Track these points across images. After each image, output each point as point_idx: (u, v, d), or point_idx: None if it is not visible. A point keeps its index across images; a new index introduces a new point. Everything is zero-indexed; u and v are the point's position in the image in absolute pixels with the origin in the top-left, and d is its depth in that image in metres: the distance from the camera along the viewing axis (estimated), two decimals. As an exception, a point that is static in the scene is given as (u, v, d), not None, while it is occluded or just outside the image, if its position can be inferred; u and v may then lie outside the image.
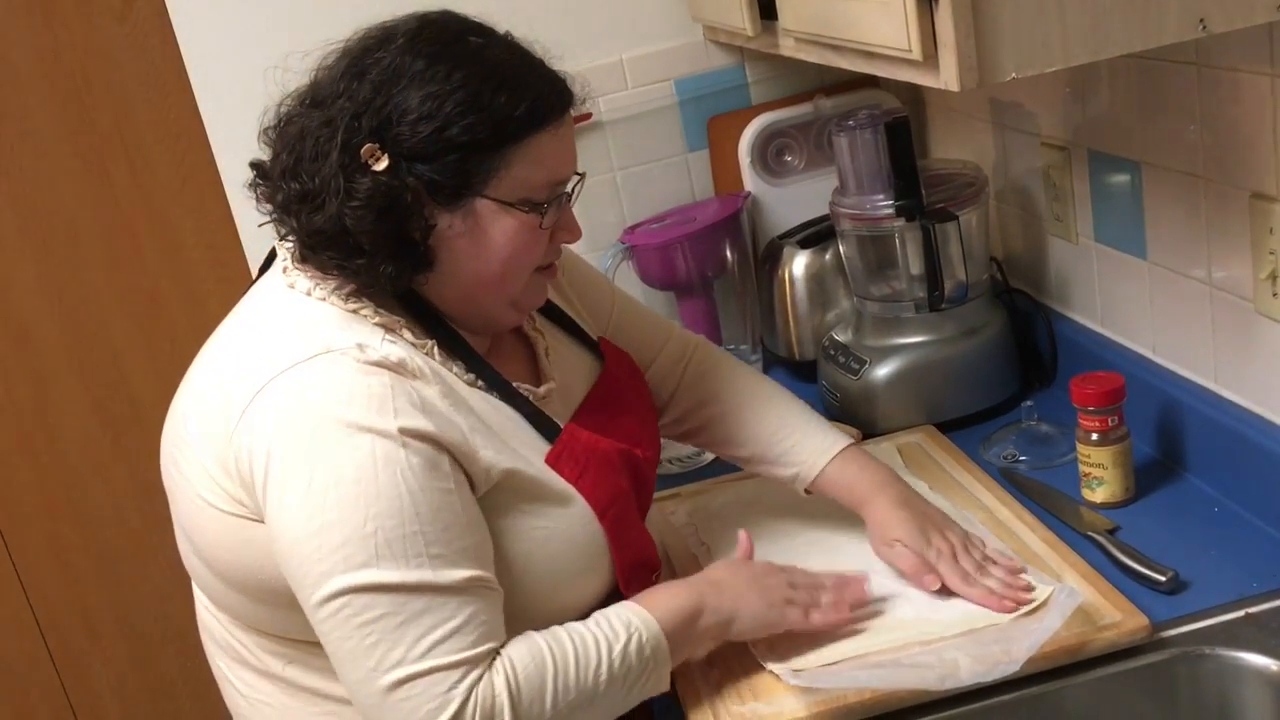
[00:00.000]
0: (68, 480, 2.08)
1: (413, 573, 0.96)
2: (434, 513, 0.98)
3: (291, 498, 0.98)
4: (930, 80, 1.04)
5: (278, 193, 1.06)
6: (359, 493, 0.96)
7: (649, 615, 1.06)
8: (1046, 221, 1.59)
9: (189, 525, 1.09)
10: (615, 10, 1.88)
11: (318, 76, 1.07)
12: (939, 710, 1.07)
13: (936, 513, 1.24)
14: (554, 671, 1.00)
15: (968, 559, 1.18)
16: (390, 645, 0.95)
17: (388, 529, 0.96)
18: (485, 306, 1.11)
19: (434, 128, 1.01)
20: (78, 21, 1.88)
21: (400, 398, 1.00)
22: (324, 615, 0.97)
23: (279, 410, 0.99)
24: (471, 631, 0.97)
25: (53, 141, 1.93)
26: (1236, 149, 1.17)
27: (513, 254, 1.08)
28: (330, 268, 1.06)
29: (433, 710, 0.95)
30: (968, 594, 1.15)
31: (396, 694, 0.95)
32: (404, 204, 1.02)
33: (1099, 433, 1.30)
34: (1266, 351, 1.20)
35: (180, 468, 1.08)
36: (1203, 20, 1.01)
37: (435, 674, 0.95)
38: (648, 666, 1.04)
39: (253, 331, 1.09)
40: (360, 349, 1.01)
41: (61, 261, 1.99)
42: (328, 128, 1.02)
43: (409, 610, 0.96)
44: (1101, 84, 1.38)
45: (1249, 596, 1.13)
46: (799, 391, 1.71)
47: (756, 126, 1.88)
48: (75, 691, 2.18)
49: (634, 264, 1.86)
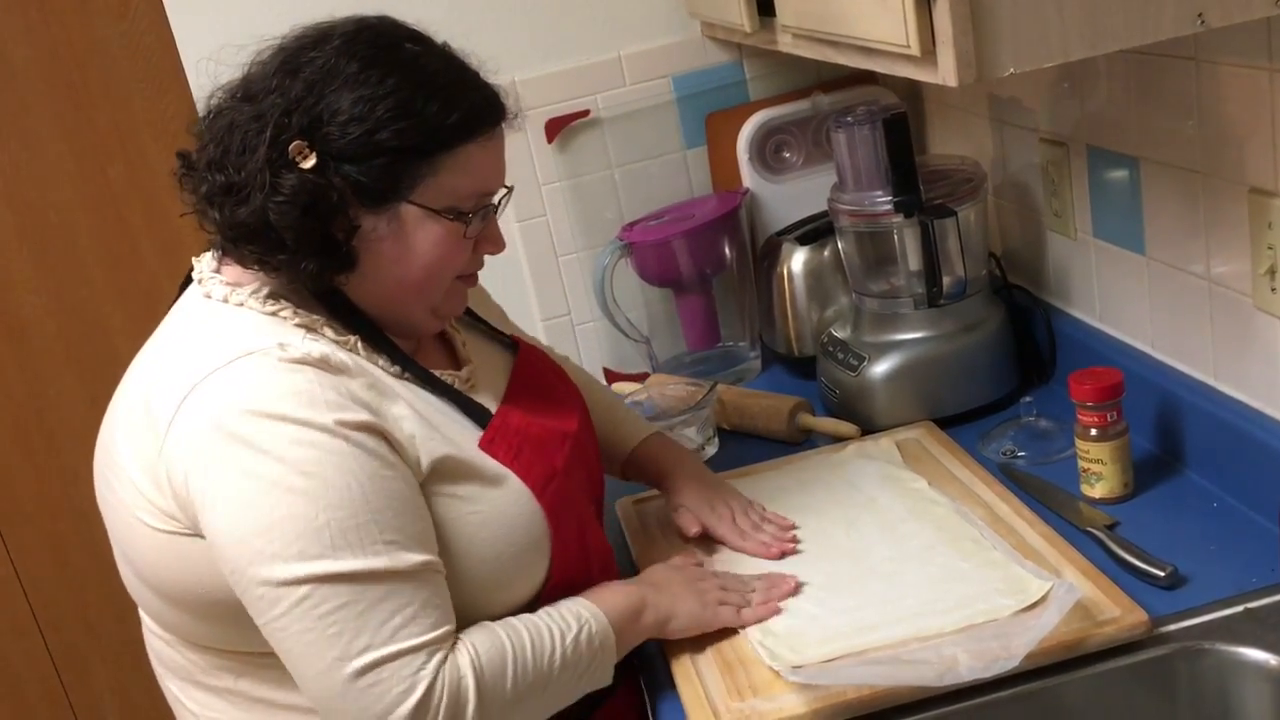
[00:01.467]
0: (66, 479, 2.08)
1: (370, 560, 0.97)
2: (383, 500, 0.99)
3: (231, 501, 0.97)
4: (928, 76, 1.04)
5: (202, 184, 1.05)
6: (306, 486, 0.96)
7: (597, 609, 1.10)
8: (1045, 217, 1.59)
9: (127, 547, 1.08)
10: (613, 7, 1.88)
11: (250, 71, 1.08)
12: (938, 706, 1.06)
13: (726, 486, 1.39)
14: (513, 655, 1.03)
15: (745, 520, 1.33)
16: (354, 633, 0.96)
17: (340, 519, 0.96)
18: (406, 311, 1.11)
19: (364, 130, 1.02)
20: (75, 19, 1.88)
21: (328, 391, 1.00)
22: (280, 611, 0.96)
23: (203, 416, 0.98)
24: (430, 614, 0.99)
25: (50, 139, 1.93)
26: (1235, 144, 1.17)
27: (435, 260, 1.08)
28: (251, 262, 1.06)
29: (402, 692, 0.96)
30: (743, 547, 1.30)
31: (363, 680, 0.96)
32: (329, 203, 1.02)
33: (1098, 428, 1.30)
34: (1265, 346, 1.20)
35: (114, 490, 1.07)
36: (1201, 15, 1.01)
37: (402, 657, 0.97)
38: (596, 657, 1.08)
39: (172, 345, 1.09)
40: (281, 348, 1.01)
41: (59, 259, 1.99)
42: (257, 122, 1.02)
43: (370, 597, 0.96)
44: (1100, 79, 1.37)
45: (1248, 591, 1.13)
46: (798, 388, 1.73)
47: (755, 123, 1.88)
48: (74, 690, 2.18)
49: (632, 261, 1.86)
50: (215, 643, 1.08)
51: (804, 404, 1.64)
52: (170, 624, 1.11)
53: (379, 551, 0.97)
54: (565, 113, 1.89)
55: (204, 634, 1.08)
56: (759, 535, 1.31)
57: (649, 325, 1.96)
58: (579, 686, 1.09)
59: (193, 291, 1.12)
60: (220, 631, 1.06)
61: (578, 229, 1.95)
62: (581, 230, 1.95)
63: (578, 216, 1.95)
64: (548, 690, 1.05)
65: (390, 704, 0.96)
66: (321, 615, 0.96)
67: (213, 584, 1.01)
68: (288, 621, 0.96)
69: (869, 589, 1.20)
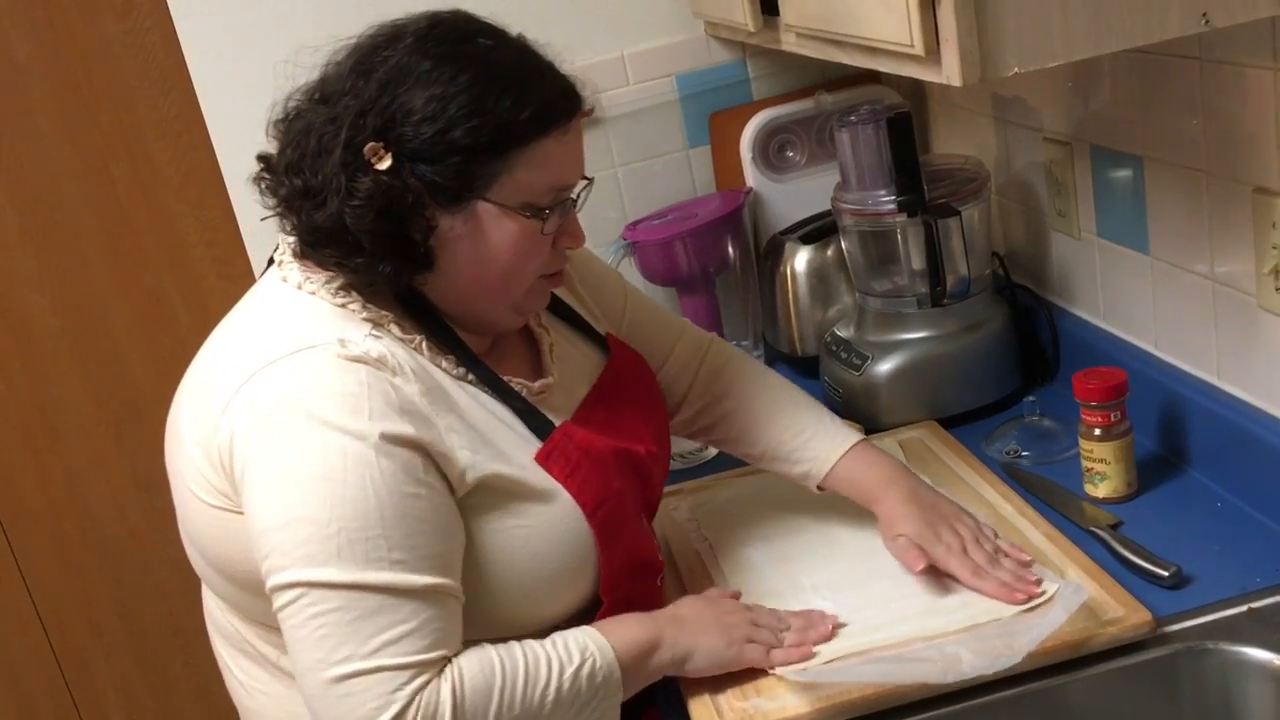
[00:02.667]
0: (70, 477, 2.09)
1: (370, 574, 0.96)
2: (400, 518, 0.97)
3: (262, 490, 0.99)
4: (932, 75, 1.04)
5: (281, 187, 1.06)
6: (327, 491, 0.96)
7: (606, 643, 1.05)
8: (1049, 216, 1.59)
9: (185, 519, 1.11)
10: (617, 6, 1.88)
11: (326, 72, 1.07)
12: (942, 705, 1.06)
13: (947, 505, 1.24)
14: (501, 685, 0.99)
15: (979, 551, 1.18)
16: (339, 640, 0.95)
17: (351, 530, 0.96)
18: (485, 309, 1.11)
19: (437, 129, 1.01)
20: (79, 18, 1.88)
21: (376, 397, 0.99)
22: (279, 604, 0.98)
23: (257, 404, 1.00)
24: (425, 636, 0.97)
25: (54, 138, 1.93)
26: (1239, 143, 1.17)
27: (514, 258, 1.07)
28: (329, 265, 1.06)
29: (375, 709, 0.94)
30: (980, 587, 1.14)
31: (339, 688, 0.95)
32: (405, 204, 1.02)
33: (1101, 428, 1.30)
34: (1269, 346, 1.20)
35: (177, 465, 1.10)
36: (1205, 14, 1.00)
37: (381, 673, 0.95)
38: (597, 694, 1.03)
39: (243, 328, 1.10)
40: (341, 344, 1.01)
41: (62, 258, 1.99)
42: (333, 124, 1.02)
43: (362, 608, 0.96)
44: (1104, 79, 1.37)
45: (1252, 591, 1.13)
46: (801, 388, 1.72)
47: (758, 122, 1.88)
48: (78, 688, 2.19)
49: (636, 260, 1.86)
50: (261, 617, 1.09)
51: (807, 403, 1.64)
52: (223, 594, 1.13)
53: (382, 567, 0.96)
54: (569, 112, 1.88)
55: (250, 607, 1.10)
56: (998, 574, 1.15)
57: (652, 324, 1.96)
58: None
59: (271, 273, 1.13)
60: (264, 606, 1.07)
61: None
62: (585, 229, 1.94)
63: (581, 215, 1.94)
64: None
65: (361, 718, 0.95)
66: (312, 616, 0.96)
67: (253, 561, 1.03)
68: (285, 615, 0.98)
69: (873, 589, 1.20)
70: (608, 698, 1.04)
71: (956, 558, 1.17)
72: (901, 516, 1.21)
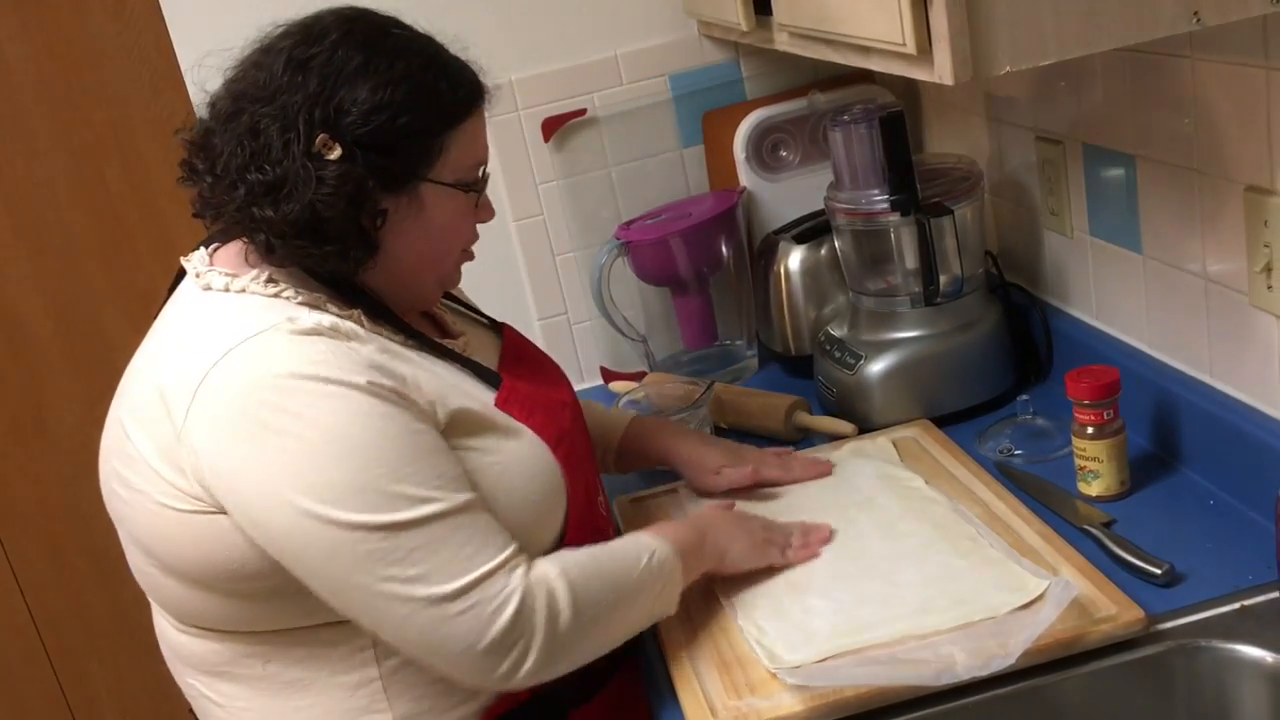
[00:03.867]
0: (64, 479, 2.08)
1: (427, 505, 1.00)
2: (420, 450, 1.02)
3: (275, 470, 0.98)
4: (924, 74, 1.04)
5: (237, 187, 1.06)
6: (348, 447, 0.98)
7: (663, 539, 1.15)
8: (1041, 215, 1.59)
9: (150, 539, 1.09)
10: (609, 6, 1.88)
11: (248, 74, 1.09)
12: (935, 704, 1.07)
13: (728, 441, 1.46)
14: (597, 564, 1.09)
15: (777, 459, 1.43)
16: (435, 568, 0.99)
17: (386, 474, 0.99)
18: (418, 285, 1.16)
19: (386, 117, 1.05)
20: (71, 19, 1.88)
21: (342, 358, 1.01)
22: (354, 566, 0.98)
23: (227, 395, 1.00)
24: (494, 539, 1.03)
25: (46, 140, 1.93)
26: (1231, 142, 1.17)
27: (451, 234, 1.15)
28: (298, 259, 1.07)
29: (498, 607, 1.00)
30: (796, 477, 1.42)
31: (455, 607, 0.99)
32: (365, 190, 1.05)
33: (1094, 426, 1.30)
34: (1261, 344, 1.20)
35: (131, 484, 1.08)
36: (1196, 13, 1.01)
37: (485, 580, 1.01)
38: (665, 582, 1.13)
39: (176, 337, 1.09)
40: (290, 321, 1.03)
41: (56, 260, 1.99)
42: (282, 119, 1.04)
43: (437, 536, 1.00)
44: (1096, 77, 1.38)
45: (1244, 589, 1.13)
46: (795, 387, 1.73)
47: (751, 122, 1.88)
48: (72, 691, 2.18)
49: (629, 260, 1.86)
50: (245, 626, 1.09)
51: (801, 403, 1.64)
52: (197, 615, 1.11)
53: (431, 496, 1.00)
54: (562, 112, 1.88)
55: (234, 618, 1.09)
56: (796, 465, 1.43)
57: (646, 324, 1.96)
58: (653, 610, 1.14)
59: (187, 287, 1.13)
60: (251, 611, 1.07)
61: (574, 228, 1.95)
62: (578, 229, 1.95)
63: (574, 216, 1.95)
64: (632, 605, 1.11)
65: (487, 622, 1.00)
66: (398, 560, 0.98)
67: (240, 559, 1.03)
68: (363, 574, 0.98)
69: (866, 588, 1.20)
70: (672, 585, 1.15)
71: (769, 466, 1.42)
72: (705, 453, 1.42)
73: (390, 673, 1.09)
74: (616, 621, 1.10)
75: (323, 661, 1.08)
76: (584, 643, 1.07)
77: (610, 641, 1.10)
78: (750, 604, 1.21)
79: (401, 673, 1.09)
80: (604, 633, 1.09)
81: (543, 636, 1.02)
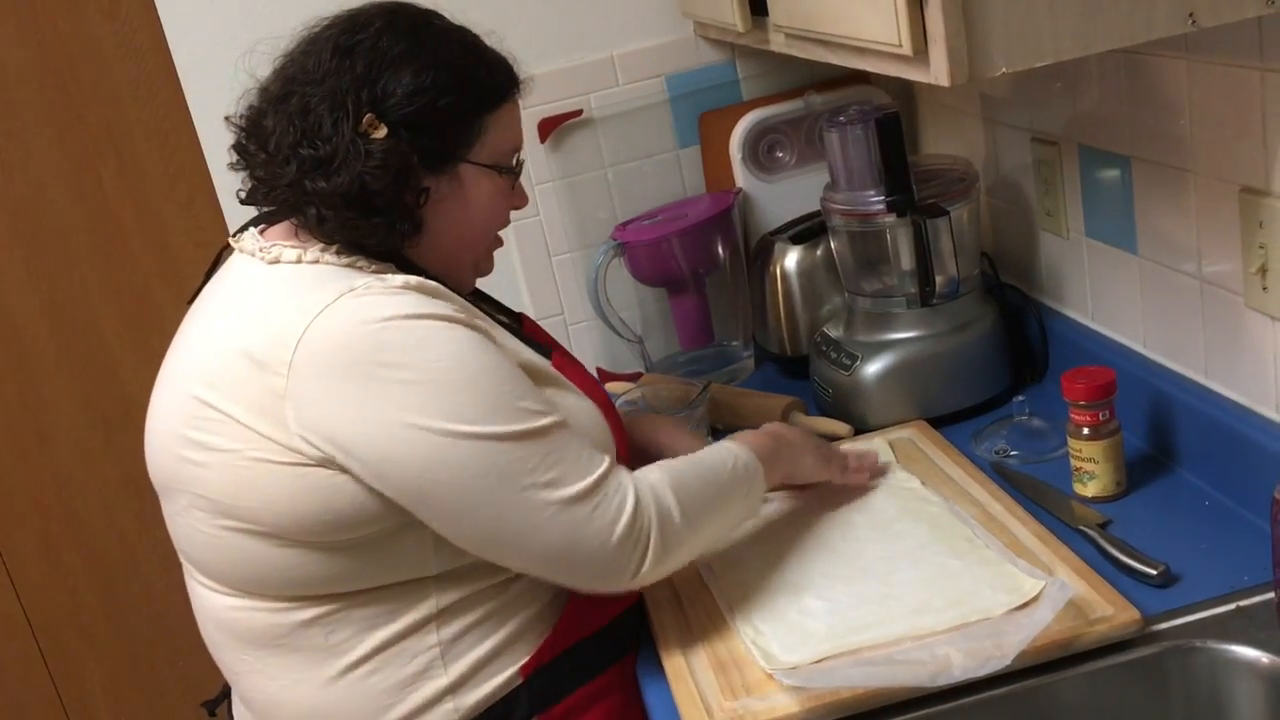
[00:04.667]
0: (59, 479, 2.08)
1: (546, 418, 1.08)
2: (517, 377, 1.10)
3: (397, 397, 1.03)
4: (920, 75, 1.04)
5: (289, 163, 1.11)
6: (463, 376, 1.05)
7: (745, 446, 1.23)
8: (1037, 216, 1.59)
9: (234, 496, 1.09)
10: (606, 7, 1.88)
11: (298, 61, 1.14)
12: (932, 704, 1.07)
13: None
14: (696, 470, 1.17)
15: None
16: (563, 471, 1.07)
17: (503, 393, 1.07)
18: (457, 268, 1.21)
19: (427, 99, 1.12)
20: (66, 19, 1.87)
21: (436, 305, 1.08)
22: (498, 479, 1.05)
23: (333, 346, 1.04)
24: (595, 447, 1.12)
25: (41, 140, 1.92)
26: (1226, 143, 1.17)
27: (489, 214, 1.21)
28: (346, 232, 1.12)
29: (620, 503, 1.09)
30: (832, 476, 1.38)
31: (588, 505, 1.07)
32: (410, 167, 1.11)
33: (1090, 427, 1.30)
34: (1256, 345, 1.20)
35: (208, 445, 1.08)
36: (1192, 14, 1.01)
37: (606, 478, 1.09)
38: (751, 483, 1.22)
39: (255, 305, 1.11)
40: (380, 279, 1.08)
41: (51, 259, 1.98)
42: (332, 98, 1.10)
43: (559, 441, 1.08)
44: (1092, 78, 1.38)
45: (1239, 590, 1.13)
46: (791, 388, 1.73)
47: (748, 122, 1.88)
48: (68, 692, 2.18)
49: (625, 261, 1.86)
50: (321, 586, 1.11)
51: (797, 403, 1.64)
52: (267, 580, 1.11)
53: (545, 411, 1.09)
54: (558, 112, 1.89)
55: (313, 576, 1.10)
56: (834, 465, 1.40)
57: (642, 325, 1.96)
58: (744, 509, 1.24)
59: (248, 264, 1.15)
60: (333, 567, 1.10)
61: (571, 229, 1.95)
62: (575, 230, 1.95)
63: (571, 216, 1.95)
64: (728, 504, 1.19)
65: (614, 517, 1.08)
66: (533, 467, 1.06)
67: (345, 507, 1.07)
68: (498, 480, 1.05)
69: (862, 589, 1.20)
70: (757, 488, 1.23)
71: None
72: (679, 437, 1.41)
73: (450, 640, 1.14)
74: (716, 519, 1.18)
75: (385, 630, 1.12)
76: (692, 538, 1.15)
77: (712, 537, 1.20)
78: (746, 605, 1.21)
79: (460, 641, 1.14)
80: (707, 529, 1.17)
81: (657, 531, 1.10)
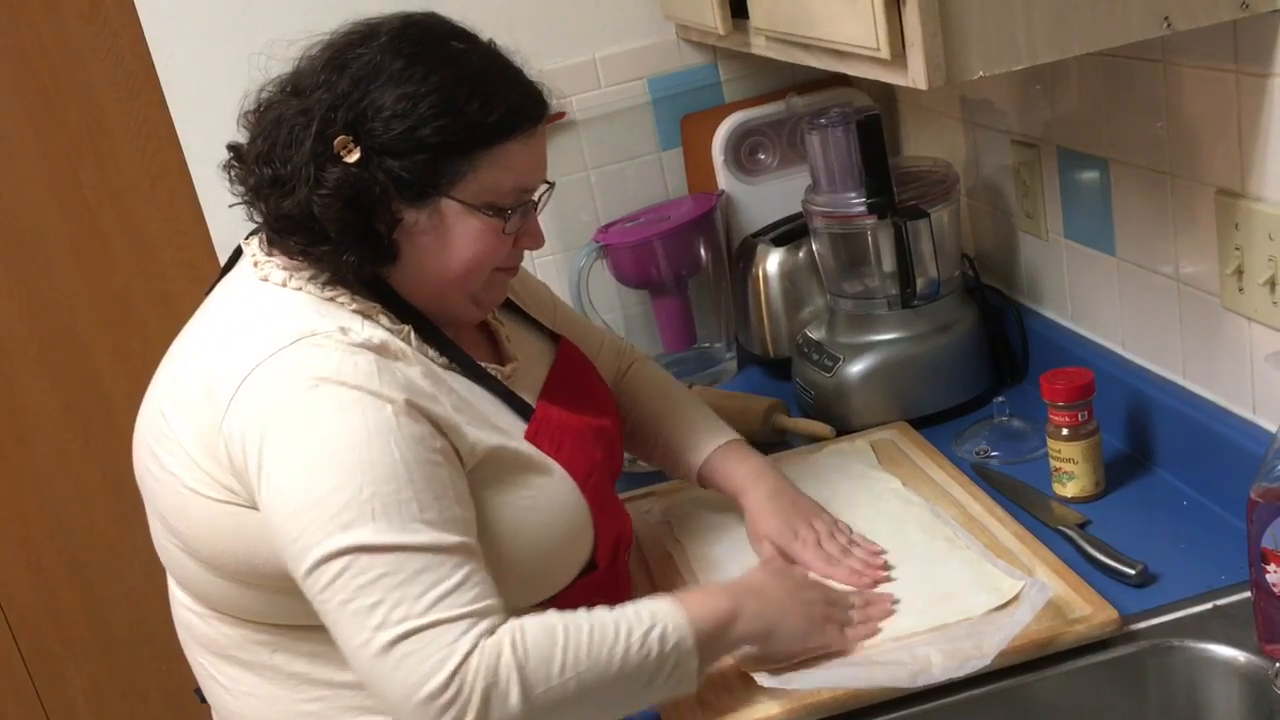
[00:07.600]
0: (39, 482, 2.07)
1: (409, 535, 0.97)
2: (426, 481, 0.99)
3: (285, 474, 0.99)
4: (899, 79, 1.05)
5: (250, 175, 1.08)
6: (355, 460, 0.98)
7: (679, 609, 1.04)
8: (1017, 218, 1.60)
9: (174, 518, 1.09)
10: (588, 9, 1.88)
11: (300, 66, 1.10)
12: (912, 705, 1.07)
13: (806, 501, 1.31)
14: (564, 642, 0.98)
15: (832, 544, 1.26)
16: (393, 603, 0.96)
17: (384, 494, 0.97)
18: (447, 302, 1.14)
19: (406, 126, 1.04)
20: (45, 21, 1.86)
21: (385, 376, 1.02)
22: (324, 581, 0.97)
23: (267, 393, 1.01)
24: (471, 588, 0.98)
25: (21, 142, 1.91)
26: (1202, 145, 1.18)
27: (474, 255, 1.10)
28: (295, 253, 1.08)
29: (438, 661, 0.94)
30: (832, 574, 1.22)
31: (399, 650, 0.95)
32: (372, 196, 1.05)
33: (1069, 428, 1.31)
34: (1233, 346, 1.21)
35: (162, 462, 1.09)
36: (1167, 18, 1.02)
37: (439, 627, 0.96)
38: (669, 660, 1.01)
39: (231, 324, 1.10)
40: (343, 332, 1.03)
41: (31, 262, 1.97)
42: (304, 116, 1.05)
43: (408, 569, 0.96)
44: (1070, 82, 1.39)
45: (1217, 589, 1.14)
46: (773, 389, 1.74)
47: (729, 125, 1.89)
48: (48, 695, 2.17)
49: (608, 263, 1.86)
50: (255, 615, 1.10)
51: (779, 405, 1.64)
52: (210, 597, 1.12)
53: (418, 528, 0.97)
54: (540, 115, 1.88)
55: (245, 605, 1.09)
56: (848, 561, 1.23)
57: (625, 327, 1.97)
58: (652, 690, 1.02)
59: (244, 273, 1.13)
60: (263, 603, 1.08)
61: (553, 231, 1.94)
62: (557, 232, 1.95)
63: (553, 219, 1.94)
64: (610, 687, 0.99)
65: (425, 674, 0.94)
66: (361, 585, 0.96)
67: (265, 554, 1.03)
68: (329, 594, 0.97)
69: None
70: (681, 664, 1.02)
71: (811, 549, 1.25)
72: (765, 512, 1.28)
73: None
74: (590, 706, 1.00)
75: (327, 659, 1.07)
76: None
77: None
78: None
79: None
80: (569, 715, 0.99)
81: (478, 708, 0.95)
